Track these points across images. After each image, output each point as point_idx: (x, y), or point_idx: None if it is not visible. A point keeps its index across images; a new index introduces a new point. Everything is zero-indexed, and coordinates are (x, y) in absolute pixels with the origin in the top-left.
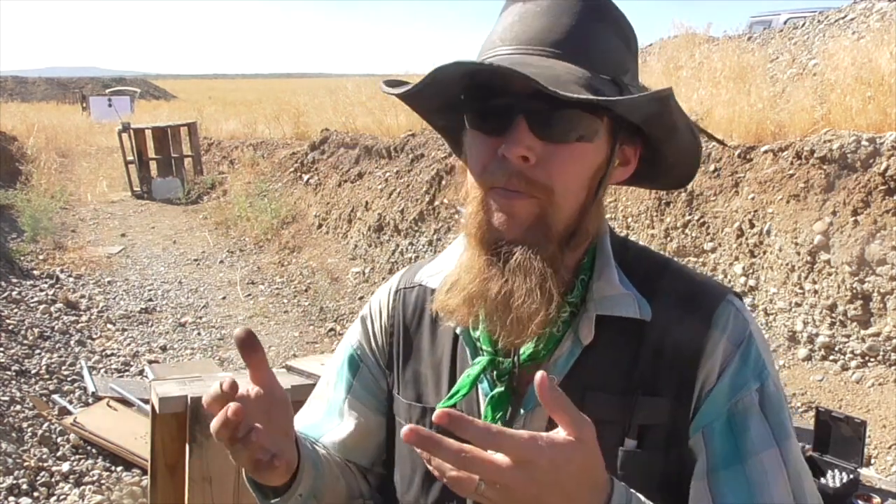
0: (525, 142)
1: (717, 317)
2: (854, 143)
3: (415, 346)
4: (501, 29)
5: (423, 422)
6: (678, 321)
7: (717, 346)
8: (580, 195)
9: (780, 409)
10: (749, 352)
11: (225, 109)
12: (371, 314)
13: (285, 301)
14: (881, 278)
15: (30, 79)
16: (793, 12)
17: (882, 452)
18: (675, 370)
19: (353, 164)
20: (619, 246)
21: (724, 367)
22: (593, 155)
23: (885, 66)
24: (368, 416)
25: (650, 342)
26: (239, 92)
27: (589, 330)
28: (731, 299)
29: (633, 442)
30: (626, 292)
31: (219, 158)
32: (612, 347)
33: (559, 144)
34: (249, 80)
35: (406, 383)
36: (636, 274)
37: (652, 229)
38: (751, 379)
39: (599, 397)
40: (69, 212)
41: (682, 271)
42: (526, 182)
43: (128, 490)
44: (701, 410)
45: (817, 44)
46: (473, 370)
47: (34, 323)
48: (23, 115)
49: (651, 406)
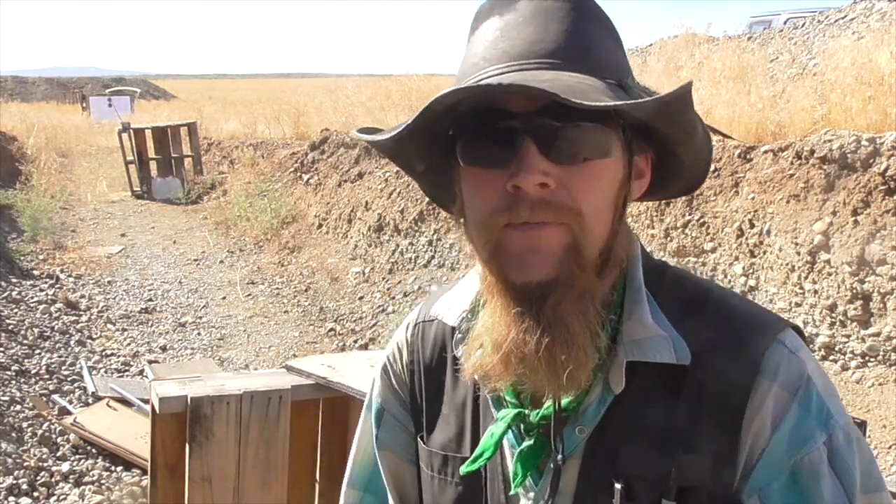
0: (540, 167)
1: (767, 361)
2: (854, 143)
3: (436, 385)
4: (483, 48)
5: (444, 470)
6: (721, 366)
7: (768, 396)
8: (608, 215)
9: (854, 465)
10: (809, 398)
11: (225, 109)
12: (391, 355)
13: (285, 301)
14: (881, 278)
15: (30, 79)
16: (793, 12)
17: (882, 452)
18: (717, 425)
19: (353, 164)
20: (652, 274)
21: (778, 419)
22: (614, 170)
23: (885, 66)
24: (401, 465)
25: (691, 391)
26: (239, 92)
27: (620, 377)
28: (783, 338)
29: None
30: (660, 334)
31: (219, 158)
32: (647, 395)
33: (577, 164)
34: (249, 80)
35: (428, 426)
36: (673, 307)
37: (652, 229)
38: (816, 431)
39: (635, 452)
40: (69, 212)
41: (727, 303)
42: (554, 210)
43: (128, 490)
44: (755, 471)
45: (817, 44)
46: (498, 428)
47: (34, 323)
48: (23, 115)
49: (691, 465)
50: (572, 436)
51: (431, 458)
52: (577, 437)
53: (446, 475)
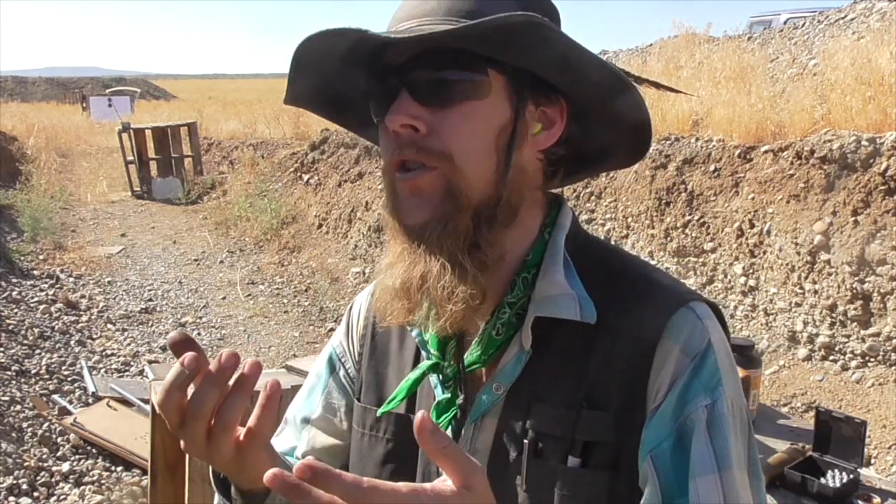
0: (407, 110)
1: (673, 324)
2: (854, 143)
3: (382, 348)
4: (394, 12)
5: (377, 426)
6: (629, 328)
7: (669, 356)
8: (487, 160)
9: (730, 435)
10: (704, 364)
11: (225, 109)
12: (351, 316)
13: (285, 301)
14: (881, 278)
15: (30, 79)
16: (793, 12)
17: (882, 452)
18: (623, 383)
19: (353, 164)
20: (579, 243)
21: (674, 380)
22: (488, 112)
23: (885, 66)
24: (342, 420)
25: (600, 350)
26: (239, 92)
27: (528, 334)
28: (694, 306)
29: (576, 460)
30: (568, 292)
31: (219, 158)
32: (561, 355)
33: (447, 108)
34: (249, 80)
35: (367, 385)
36: (592, 274)
37: (652, 229)
38: (701, 393)
39: (545, 409)
40: (69, 212)
41: (647, 275)
42: (418, 150)
43: (128, 490)
44: (647, 430)
45: (817, 44)
46: (413, 374)
47: (34, 323)
48: (23, 115)
49: (595, 421)
50: (490, 393)
51: (365, 414)
52: (495, 395)
53: (378, 432)
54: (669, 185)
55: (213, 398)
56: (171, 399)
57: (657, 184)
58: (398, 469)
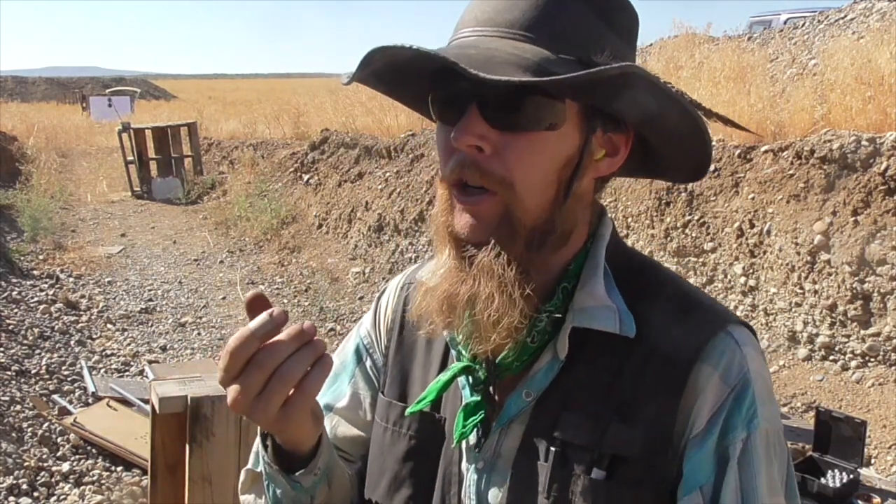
0: (475, 130)
1: (713, 347)
2: (854, 143)
3: (409, 344)
4: (466, 11)
5: (400, 422)
6: (667, 345)
7: (708, 383)
8: (548, 190)
9: (761, 469)
10: (744, 395)
11: (225, 109)
12: (379, 306)
13: (285, 301)
14: (881, 278)
15: (30, 79)
16: (793, 12)
17: (882, 452)
18: (654, 400)
19: (353, 164)
20: (619, 255)
21: (715, 411)
22: (558, 144)
23: (885, 66)
24: (366, 412)
25: (633, 365)
26: (239, 92)
27: (565, 343)
28: (732, 330)
29: (601, 472)
30: (608, 304)
31: (219, 158)
32: (594, 365)
33: (516, 134)
34: (249, 80)
35: (392, 379)
36: (631, 288)
37: (652, 229)
38: (739, 426)
39: (573, 419)
40: (69, 212)
41: (686, 290)
42: (480, 174)
43: (128, 490)
44: (692, 461)
45: (817, 44)
46: (444, 376)
47: (34, 323)
48: (23, 115)
49: (623, 435)
50: (519, 399)
51: (389, 409)
52: (524, 402)
53: (401, 427)
54: (669, 185)
55: (286, 353)
56: (247, 345)
57: (657, 183)
58: (419, 466)
